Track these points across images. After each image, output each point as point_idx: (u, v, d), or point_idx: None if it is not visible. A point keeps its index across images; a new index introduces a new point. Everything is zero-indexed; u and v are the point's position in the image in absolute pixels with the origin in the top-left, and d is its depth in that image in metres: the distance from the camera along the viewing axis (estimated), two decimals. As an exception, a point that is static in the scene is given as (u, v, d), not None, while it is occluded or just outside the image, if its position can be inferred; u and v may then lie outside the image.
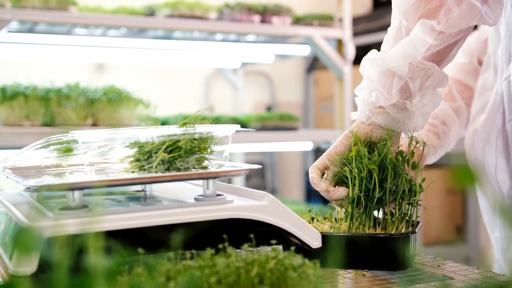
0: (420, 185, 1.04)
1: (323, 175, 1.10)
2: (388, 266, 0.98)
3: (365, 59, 1.09)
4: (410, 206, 1.04)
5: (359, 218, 1.04)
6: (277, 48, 3.51)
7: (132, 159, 0.95)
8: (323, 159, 1.10)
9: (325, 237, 0.96)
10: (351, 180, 1.04)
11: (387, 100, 1.06)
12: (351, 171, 1.04)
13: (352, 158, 1.04)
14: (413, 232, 1.00)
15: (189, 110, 3.24)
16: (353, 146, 1.06)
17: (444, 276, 0.96)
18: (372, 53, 1.09)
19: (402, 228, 1.03)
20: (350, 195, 1.04)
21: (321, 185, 1.08)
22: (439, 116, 1.36)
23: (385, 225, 1.04)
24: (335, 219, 1.09)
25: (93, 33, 2.99)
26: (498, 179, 1.23)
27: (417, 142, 1.05)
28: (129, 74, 3.93)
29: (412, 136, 1.05)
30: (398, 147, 1.09)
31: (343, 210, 1.07)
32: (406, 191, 1.03)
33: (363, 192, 1.03)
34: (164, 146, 0.91)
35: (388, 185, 1.03)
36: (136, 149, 0.95)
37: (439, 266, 1.02)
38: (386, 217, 1.04)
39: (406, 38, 1.04)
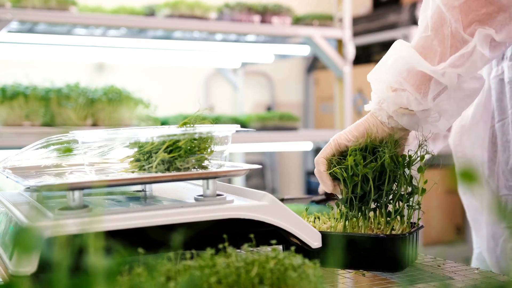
0: (422, 188, 1.04)
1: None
2: (384, 267, 0.98)
3: (396, 54, 1.03)
4: (408, 207, 1.04)
5: (354, 218, 1.04)
6: (277, 48, 3.52)
7: (132, 159, 0.95)
8: (331, 148, 1.06)
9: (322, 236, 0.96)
10: (345, 182, 1.04)
11: (419, 105, 1.01)
12: (347, 175, 1.03)
13: (349, 166, 1.03)
14: (410, 233, 1.00)
15: (189, 110, 3.24)
16: (352, 152, 1.03)
17: (444, 276, 0.96)
18: (404, 50, 1.01)
19: (399, 229, 1.03)
20: (343, 196, 1.04)
21: (328, 182, 1.05)
22: None
23: (382, 226, 1.04)
24: (335, 218, 1.09)
25: (93, 33, 2.99)
26: (486, 176, 1.22)
27: (427, 152, 1.03)
28: (129, 74, 3.93)
29: (421, 143, 1.04)
30: (404, 147, 1.08)
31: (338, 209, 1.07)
32: (405, 193, 1.03)
33: (358, 194, 1.03)
34: (164, 146, 0.91)
35: (385, 188, 1.03)
36: (136, 149, 0.95)
37: (439, 266, 1.02)
38: (383, 218, 1.04)
39: (462, 52, 0.98)
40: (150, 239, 0.83)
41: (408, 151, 1.07)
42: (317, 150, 5.37)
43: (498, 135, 1.20)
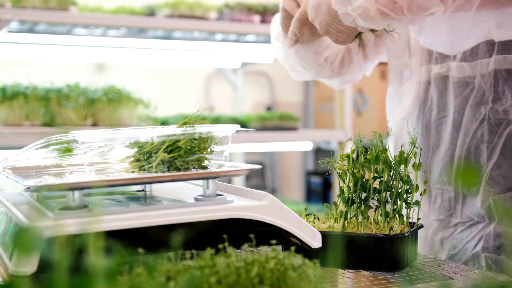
0: (416, 185, 1.04)
1: None
2: (383, 266, 0.98)
3: None
4: (407, 206, 1.04)
5: (354, 218, 1.04)
6: (277, 48, 3.51)
7: (132, 159, 0.95)
8: None
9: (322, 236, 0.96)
10: (346, 181, 1.04)
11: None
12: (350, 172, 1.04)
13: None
14: (409, 232, 1.00)
15: (189, 110, 3.24)
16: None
17: (444, 276, 0.96)
18: None
19: (398, 228, 1.03)
20: (346, 194, 1.04)
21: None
22: None
23: (382, 225, 1.04)
24: (335, 218, 1.09)
25: (93, 33, 2.99)
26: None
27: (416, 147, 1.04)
28: (129, 74, 3.93)
29: (414, 139, 1.04)
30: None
31: (338, 209, 1.07)
32: (402, 191, 1.03)
33: (358, 191, 1.03)
34: (164, 146, 0.91)
35: (382, 186, 1.03)
36: (136, 149, 0.95)
37: (439, 266, 1.02)
38: (381, 217, 1.04)
39: None
40: (150, 239, 0.83)
41: (402, 146, 1.07)
42: (317, 150, 5.36)
43: (435, 131, 1.22)
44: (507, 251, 1.09)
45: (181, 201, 0.97)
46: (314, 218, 1.11)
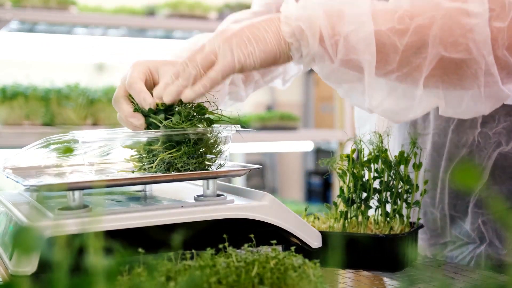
0: (416, 185, 1.04)
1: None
2: (383, 266, 0.98)
3: None
4: (406, 206, 1.04)
5: (354, 218, 1.05)
6: (277, 48, 3.51)
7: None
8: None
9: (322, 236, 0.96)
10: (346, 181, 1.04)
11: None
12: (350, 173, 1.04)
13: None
14: (409, 233, 1.00)
15: (189, 110, 3.24)
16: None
17: (444, 276, 0.96)
18: None
19: (398, 228, 1.03)
20: (346, 194, 1.04)
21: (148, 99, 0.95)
22: None
23: (382, 225, 1.04)
24: (335, 218, 1.10)
25: (93, 33, 2.99)
26: None
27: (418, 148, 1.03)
28: (129, 74, 3.93)
29: (415, 141, 1.04)
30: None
31: (338, 209, 1.07)
32: (402, 191, 1.03)
33: (358, 191, 1.03)
34: (164, 146, 0.91)
35: (383, 186, 1.03)
36: (136, 149, 0.95)
37: (439, 266, 1.02)
38: (381, 217, 1.04)
39: None
40: (150, 239, 0.83)
41: (402, 145, 1.07)
42: (317, 151, 5.33)
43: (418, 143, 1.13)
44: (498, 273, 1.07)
45: (181, 201, 0.97)
46: (314, 218, 1.11)
